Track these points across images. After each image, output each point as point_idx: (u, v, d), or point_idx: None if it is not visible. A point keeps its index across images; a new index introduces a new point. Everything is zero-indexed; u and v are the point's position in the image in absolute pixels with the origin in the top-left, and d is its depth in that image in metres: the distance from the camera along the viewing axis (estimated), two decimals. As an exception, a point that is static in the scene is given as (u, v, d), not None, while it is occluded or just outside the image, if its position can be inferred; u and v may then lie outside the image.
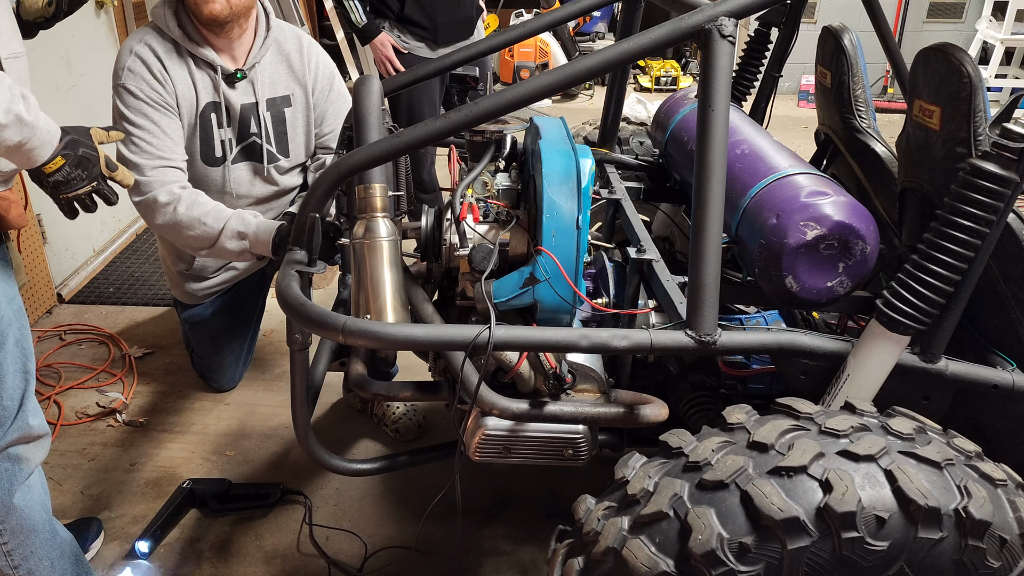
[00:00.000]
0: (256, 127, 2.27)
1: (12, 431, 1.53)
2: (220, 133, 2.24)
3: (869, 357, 1.42)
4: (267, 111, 2.28)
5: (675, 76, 6.84)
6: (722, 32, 1.35)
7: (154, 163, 2.05)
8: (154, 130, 2.08)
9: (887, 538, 1.13)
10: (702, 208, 1.36)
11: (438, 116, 1.43)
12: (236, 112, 2.24)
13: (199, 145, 2.22)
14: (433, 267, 1.75)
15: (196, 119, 2.19)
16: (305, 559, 2.09)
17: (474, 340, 1.32)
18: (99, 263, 3.59)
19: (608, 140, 2.45)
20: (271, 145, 2.31)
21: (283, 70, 2.30)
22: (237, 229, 1.99)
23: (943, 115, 1.51)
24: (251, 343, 2.75)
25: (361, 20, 3.27)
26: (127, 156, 2.05)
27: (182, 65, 2.14)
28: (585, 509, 1.33)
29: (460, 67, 2.19)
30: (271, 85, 2.27)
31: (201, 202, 2.04)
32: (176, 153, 2.12)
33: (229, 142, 2.25)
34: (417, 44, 3.38)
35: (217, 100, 2.20)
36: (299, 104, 2.33)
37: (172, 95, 2.13)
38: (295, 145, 2.36)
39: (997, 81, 6.33)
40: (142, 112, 2.07)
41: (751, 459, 1.21)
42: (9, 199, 1.52)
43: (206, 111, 2.19)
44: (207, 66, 2.17)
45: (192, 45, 2.13)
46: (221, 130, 2.23)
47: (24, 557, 1.60)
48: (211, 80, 2.18)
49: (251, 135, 2.28)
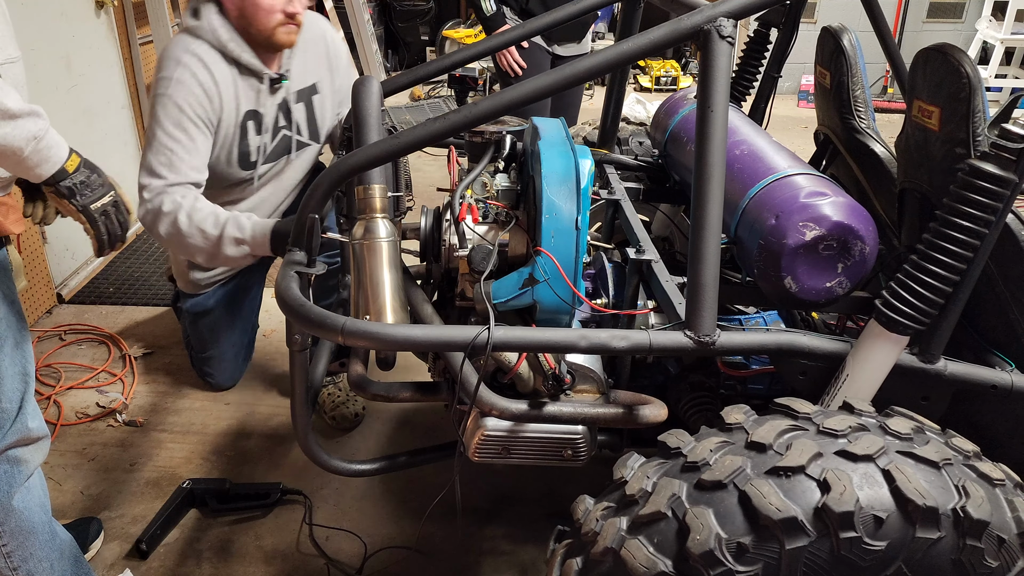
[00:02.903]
0: (285, 121, 2.28)
1: (11, 433, 1.53)
2: (256, 140, 2.23)
3: (868, 357, 1.43)
4: (297, 103, 2.28)
5: (675, 76, 6.85)
6: (721, 33, 1.35)
7: (178, 179, 2.02)
8: (189, 147, 2.05)
9: (885, 538, 1.13)
10: (701, 208, 1.36)
11: (437, 117, 1.43)
12: (273, 116, 2.23)
13: (236, 153, 2.21)
14: (432, 268, 1.76)
15: (236, 129, 2.18)
16: (305, 559, 2.09)
17: (473, 341, 1.32)
18: (99, 263, 3.60)
19: (607, 140, 2.45)
20: (302, 135, 2.31)
21: (309, 59, 2.30)
22: (234, 236, 1.96)
23: (942, 116, 1.51)
24: (251, 338, 2.75)
25: (491, 9, 3.31)
26: (153, 165, 2.01)
27: (228, 75, 2.11)
28: (584, 509, 1.33)
29: (459, 68, 2.19)
30: (300, 76, 2.27)
31: (199, 207, 1.99)
32: (201, 172, 2.09)
33: (263, 147, 2.26)
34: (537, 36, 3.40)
35: (257, 108, 2.20)
36: (326, 89, 2.34)
37: (217, 111, 2.10)
38: (325, 130, 2.39)
39: (997, 81, 6.34)
40: (182, 127, 2.04)
41: (749, 459, 1.21)
42: (7, 204, 1.52)
43: (245, 119, 2.18)
44: (251, 74, 2.16)
45: (240, 55, 2.10)
46: (258, 137, 2.23)
47: (24, 559, 1.60)
48: (253, 89, 2.17)
49: (280, 129, 2.28)
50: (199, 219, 1.97)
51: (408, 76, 2.09)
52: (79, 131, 3.46)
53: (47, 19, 3.23)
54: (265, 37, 2.09)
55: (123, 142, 3.89)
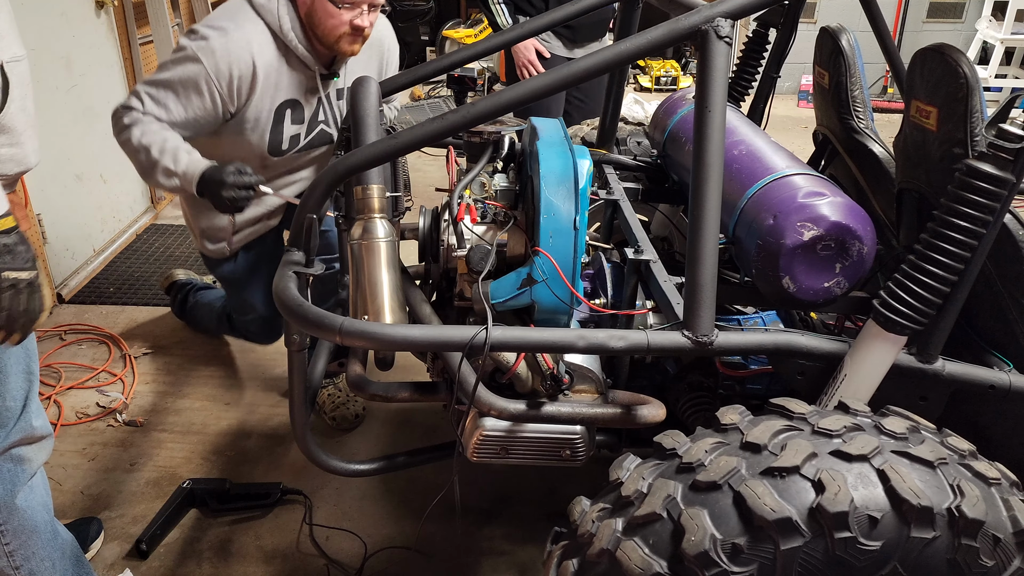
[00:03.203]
0: (325, 116, 2.25)
1: (15, 432, 1.53)
2: (292, 129, 2.19)
3: (866, 357, 1.43)
4: (339, 100, 2.26)
5: (675, 76, 6.85)
6: (719, 33, 1.35)
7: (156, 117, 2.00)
8: (186, 104, 2.01)
9: (880, 538, 1.13)
10: (699, 209, 1.36)
11: (436, 117, 1.43)
12: (313, 109, 2.21)
13: (268, 138, 2.17)
14: (431, 268, 1.76)
15: (270, 115, 2.14)
16: (305, 559, 2.09)
17: (471, 341, 1.32)
18: (99, 263, 3.60)
19: (606, 140, 2.45)
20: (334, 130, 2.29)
21: (364, 60, 2.28)
22: (167, 167, 1.96)
23: (940, 116, 1.52)
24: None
25: (507, 23, 3.28)
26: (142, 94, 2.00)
27: (274, 61, 2.08)
28: (580, 511, 1.33)
29: (459, 68, 2.19)
30: (351, 75, 2.23)
31: (153, 131, 1.98)
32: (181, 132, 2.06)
33: (298, 137, 2.22)
34: (557, 43, 3.41)
35: (298, 99, 2.17)
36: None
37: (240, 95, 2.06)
38: None
39: (997, 81, 6.33)
40: (195, 85, 2.00)
41: (744, 460, 1.21)
42: (14, 202, 1.50)
43: (282, 107, 2.15)
44: (302, 66, 2.13)
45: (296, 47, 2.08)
46: (293, 126, 2.20)
47: (26, 558, 1.61)
48: (300, 79, 2.14)
49: (320, 124, 2.26)
50: (147, 141, 1.97)
51: (408, 76, 2.09)
52: (79, 131, 3.47)
53: (47, 19, 3.23)
54: (329, 43, 2.07)
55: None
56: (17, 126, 1.39)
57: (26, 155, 1.44)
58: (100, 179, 3.66)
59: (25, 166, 1.45)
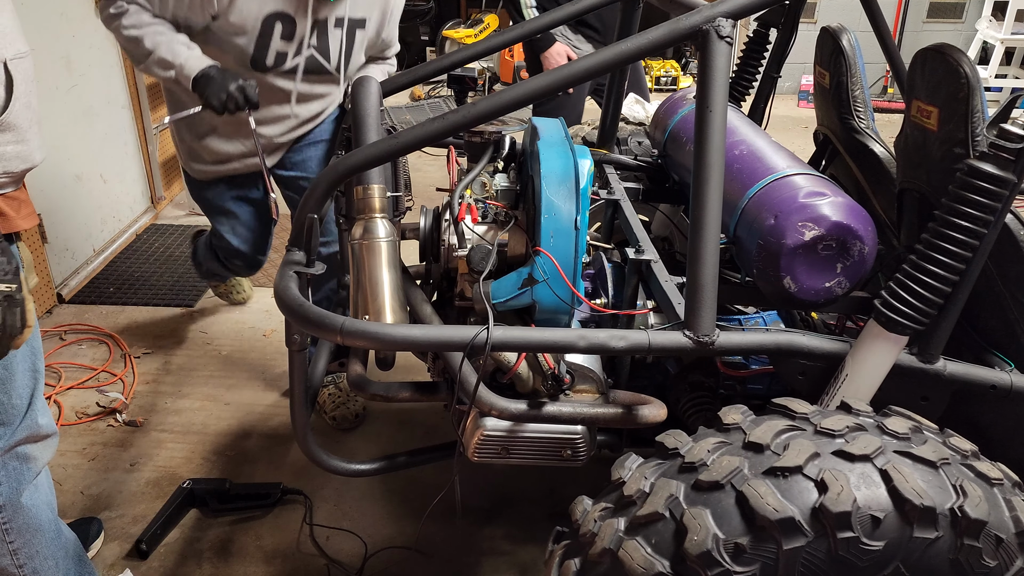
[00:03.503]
0: (316, 40, 2.16)
1: (21, 430, 1.53)
2: (278, 44, 2.10)
3: (867, 357, 1.43)
4: (336, 28, 2.16)
5: (675, 76, 6.85)
6: (719, 33, 1.35)
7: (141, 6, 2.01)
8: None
9: (883, 538, 1.13)
10: (700, 208, 1.36)
11: (436, 117, 1.43)
12: (306, 28, 2.11)
13: (252, 50, 2.10)
14: (432, 268, 1.76)
15: (258, 22, 2.05)
16: (305, 559, 2.09)
17: (472, 341, 1.32)
18: (99, 263, 3.60)
19: (607, 140, 2.45)
20: (329, 62, 2.21)
21: None
22: (163, 57, 1.99)
23: (941, 116, 1.52)
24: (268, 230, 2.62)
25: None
26: None
27: None
28: (582, 510, 1.33)
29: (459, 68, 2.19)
30: (354, 5, 2.16)
31: (144, 21, 2.01)
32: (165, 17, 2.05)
33: (283, 55, 2.14)
34: (587, 48, 3.42)
35: (289, 13, 2.06)
36: (372, 27, 2.25)
37: None
38: (353, 64, 2.28)
39: (997, 81, 6.33)
40: None
41: (746, 460, 1.21)
42: (19, 199, 1.48)
43: (272, 18, 2.05)
44: None
45: None
46: (281, 41, 2.11)
47: (30, 556, 1.60)
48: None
49: (310, 47, 2.16)
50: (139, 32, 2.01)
51: (408, 76, 2.10)
52: (79, 131, 3.46)
53: (47, 19, 3.23)
54: None
55: (123, 142, 3.89)
56: (22, 123, 1.39)
57: (31, 152, 1.43)
58: (100, 179, 3.66)
59: (30, 163, 1.44)
